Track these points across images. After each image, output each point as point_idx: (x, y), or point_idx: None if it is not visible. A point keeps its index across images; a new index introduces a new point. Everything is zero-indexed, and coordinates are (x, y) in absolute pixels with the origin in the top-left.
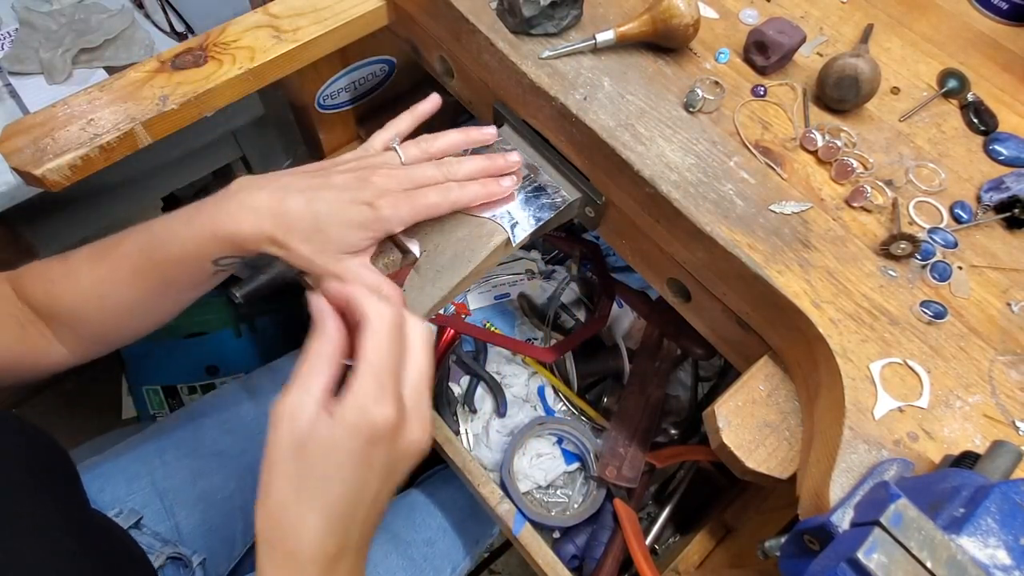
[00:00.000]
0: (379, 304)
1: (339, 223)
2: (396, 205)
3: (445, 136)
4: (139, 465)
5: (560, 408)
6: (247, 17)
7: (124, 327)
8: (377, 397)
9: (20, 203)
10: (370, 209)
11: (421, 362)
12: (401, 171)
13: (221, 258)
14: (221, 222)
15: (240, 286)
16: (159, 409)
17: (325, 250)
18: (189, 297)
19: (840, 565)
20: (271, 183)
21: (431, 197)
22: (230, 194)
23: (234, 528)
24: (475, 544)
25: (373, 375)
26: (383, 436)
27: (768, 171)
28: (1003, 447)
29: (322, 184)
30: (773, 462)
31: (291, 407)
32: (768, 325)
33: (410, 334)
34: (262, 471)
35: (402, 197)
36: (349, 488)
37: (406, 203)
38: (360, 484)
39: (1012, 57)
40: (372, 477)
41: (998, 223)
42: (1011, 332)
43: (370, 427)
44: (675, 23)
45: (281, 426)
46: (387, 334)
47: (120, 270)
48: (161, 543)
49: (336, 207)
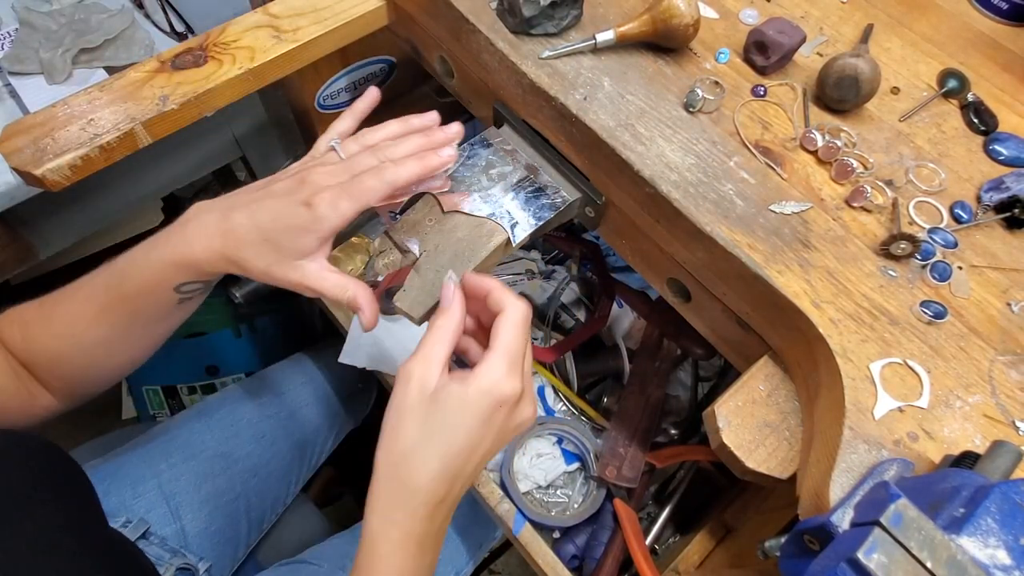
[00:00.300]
0: (516, 299)
1: (283, 229)
2: (334, 200)
3: (383, 127)
4: (144, 468)
5: (560, 408)
6: (247, 17)
7: (100, 366)
8: (509, 371)
9: (20, 203)
10: (307, 209)
11: (531, 353)
12: (338, 165)
13: (182, 284)
14: (177, 248)
15: (240, 286)
16: (159, 409)
17: (280, 260)
18: (159, 331)
19: (840, 565)
20: (219, 204)
21: (367, 182)
22: (184, 220)
23: (238, 530)
24: (478, 548)
25: (507, 353)
26: (508, 403)
27: (768, 171)
28: (1003, 447)
29: (264, 195)
30: (773, 462)
31: (421, 368)
32: (768, 325)
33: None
34: (388, 418)
35: (339, 190)
36: (468, 442)
37: (344, 195)
38: (477, 440)
39: (1012, 57)
40: (488, 437)
41: (998, 223)
42: (1011, 332)
43: (500, 393)
44: (675, 23)
45: (412, 382)
46: (521, 323)
47: (89, 307)
48: (170, 554)
49: (276, 214)
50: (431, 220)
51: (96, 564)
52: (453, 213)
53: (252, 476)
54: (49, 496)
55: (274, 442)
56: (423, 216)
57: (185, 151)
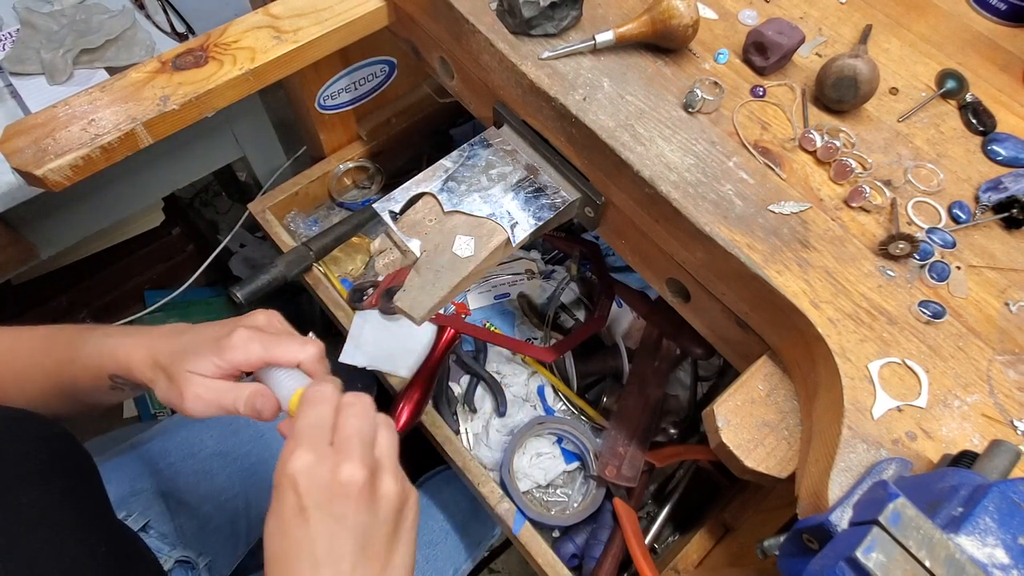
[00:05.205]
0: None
1: (194, 346)
2: (248, 338)
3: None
4: (143, 466)
5: (560, 408)
6: (248, 18)
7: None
8: (301, 448)
9: (20, 203)
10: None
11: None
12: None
13: (115, 376)
14: (119, 344)
15: (240, 286)
16: (159, 408)
17: (176, 379)
18: (89, 402)
19: (839, 564)
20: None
21: (285, 342)
22: (148, 330)
23: (238, 528)
24: (476, 546)
25: (298, 433)
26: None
27: (767, 171)
28: (1001, 446)
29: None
30: (772, 461)
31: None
32: (767, 325)
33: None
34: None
35: (259, 335)
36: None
37: (258, 339)
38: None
39: (1010, 58)
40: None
41: (996, 223)
42: (1009, 332)
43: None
44: (674, 24)
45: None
46: (316, 400)
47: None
48: (169, 547)
49: (200, 335)
50: (431, 220)
51: (109, 550)
52: (453, 213)
53: (251, 475)
54: (55, 478)
55: (273, 441)
56: (423, 216)
57: (186, 151)
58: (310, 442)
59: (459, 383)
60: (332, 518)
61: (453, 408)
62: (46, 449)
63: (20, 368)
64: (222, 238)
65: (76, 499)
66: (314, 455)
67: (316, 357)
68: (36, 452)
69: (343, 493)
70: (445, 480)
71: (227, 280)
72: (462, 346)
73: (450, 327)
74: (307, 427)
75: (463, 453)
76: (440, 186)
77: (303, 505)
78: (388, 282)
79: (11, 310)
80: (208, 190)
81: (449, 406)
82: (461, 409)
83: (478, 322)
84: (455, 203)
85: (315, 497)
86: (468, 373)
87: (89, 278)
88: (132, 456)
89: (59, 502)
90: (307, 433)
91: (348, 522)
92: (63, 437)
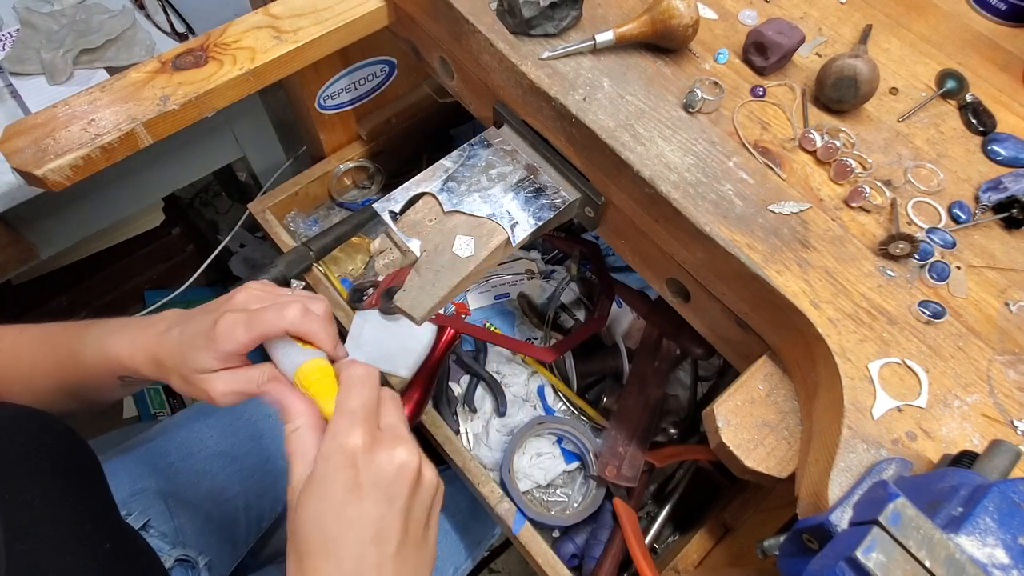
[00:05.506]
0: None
1: (190, 343)
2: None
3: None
4: (143, 466)
5: (560, 408)
6: (248, 18)
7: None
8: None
9: (20, 203)
10: (212, 328)
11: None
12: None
13: (125, 376)
14: (123, 346)
15: None
16: (159, 408)
17: (190, 375)
18: (102, 399)
19: (839, 564)
20: (178, 316)
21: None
22: (148, 323)
23: (238, 528)
24: (476, 545)
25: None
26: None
27: (767, 171)
28: (1001, 446)
29: (200, 308)
30: (772, 461)
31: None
32: (767, 325)
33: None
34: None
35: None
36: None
37: (241, 323)
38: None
39: (1010, 58)
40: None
41: (996, 223)
42: (1009, 332)
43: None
44: (674, 24)
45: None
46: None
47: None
48: (169, 546)
49: (195, 328)
50: (431, 220)
51: (111, 548)
52: (453, 213)
53: (251, 475)
54: (59, 476)
55: (273, 441)
56: (423, 216)
57: (186, 151)
58: (366, 423)
59: (459, 383)
60: (387, 498)
61: (453, 408)
62: (48, 446)
63: (24, 367)
64: (222, 238)
65: (79, 497)
66: (371, 436)
67: (298, 320)
68: (38, 449)
69: (401, 475)
70: (445, 480)
71: (227, 280)
72: (462, 346)
73: (450, 327)
74: (360, 407)
75: (463, 453)
76: (440, 186)
77: (359, 482)
78: (388, 282)
79: (11, 310)
80: (208, 190)
81: (449, 406)
82: (461, 409)
83: (478, 322)
84: (455, 203)
85: (373, 475)
86: (468, 373)
87: (89, 278)
88: (132, 456)
89: (61, 500)
90: (361, 413)
91: (398, 504)
92: (66, 435)
